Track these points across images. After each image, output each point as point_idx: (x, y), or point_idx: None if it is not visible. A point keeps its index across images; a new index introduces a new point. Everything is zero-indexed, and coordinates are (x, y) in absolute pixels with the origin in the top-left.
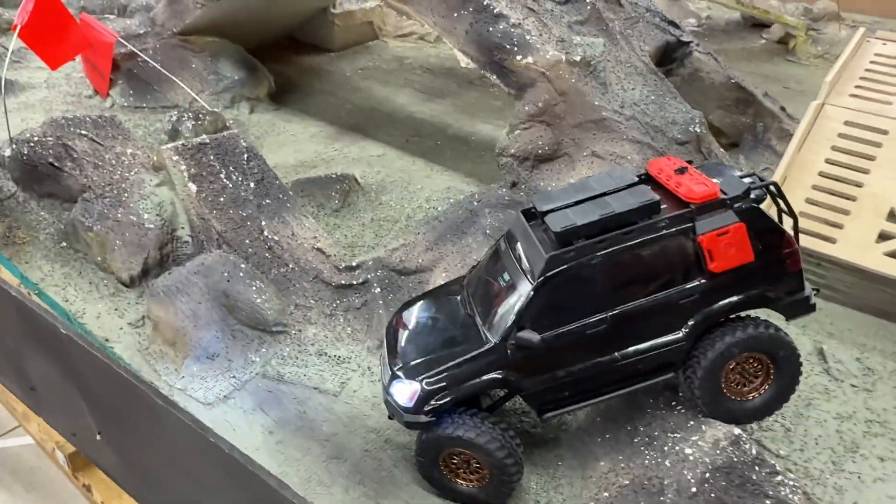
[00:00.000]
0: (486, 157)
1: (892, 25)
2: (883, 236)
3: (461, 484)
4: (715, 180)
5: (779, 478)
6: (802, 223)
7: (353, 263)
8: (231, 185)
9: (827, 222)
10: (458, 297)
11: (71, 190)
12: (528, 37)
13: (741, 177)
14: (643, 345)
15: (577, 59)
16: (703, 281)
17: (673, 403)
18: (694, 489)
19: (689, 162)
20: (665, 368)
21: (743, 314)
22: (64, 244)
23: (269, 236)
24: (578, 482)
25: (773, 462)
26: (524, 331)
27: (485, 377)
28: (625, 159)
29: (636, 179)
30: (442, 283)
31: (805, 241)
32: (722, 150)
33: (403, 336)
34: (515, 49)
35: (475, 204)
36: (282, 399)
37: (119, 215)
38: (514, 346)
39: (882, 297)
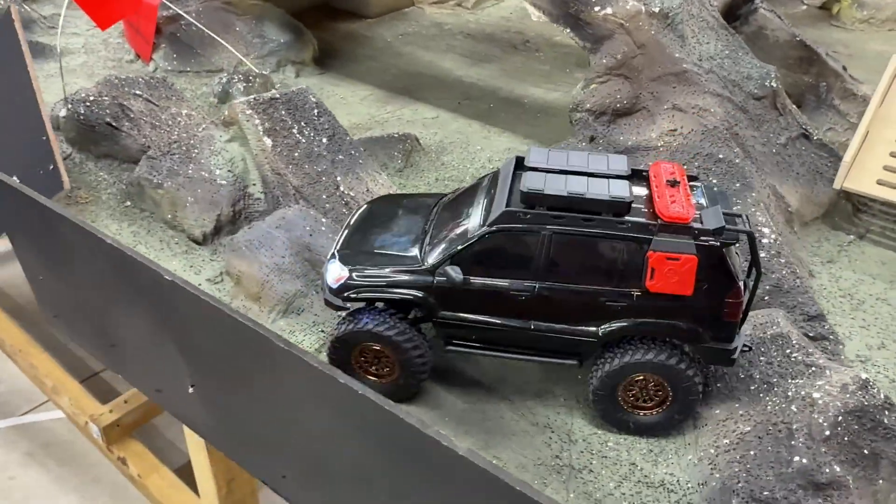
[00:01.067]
0: (541, 119)
1: None
2: None
3: (370, 379)
4: (701, 204)
5: None
6: (886, 176)
7: None
8: (304, 141)
9: None
10: (430, 210)
11: (129, 150)
12: None
13: (730, 215)
14: (558, 325)
15: (656, 10)
16: (637, 293)
17: (787, 351)
18: (827, 433)
19: (695, 178)
20: (571, 355)
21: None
22: (128, 203)
23: (345, 191)
24: (690, 432)
25: None
26: (453, 267)
27: (406, 291)
28: (707, 111)
29: (628, 173)
30: None
31: (888, 194)
32: (795, 107)
33: (360, 223)
34: (593, 0)
35: None
36: None
37: (190, 171)
38: (440, 276)
39: None
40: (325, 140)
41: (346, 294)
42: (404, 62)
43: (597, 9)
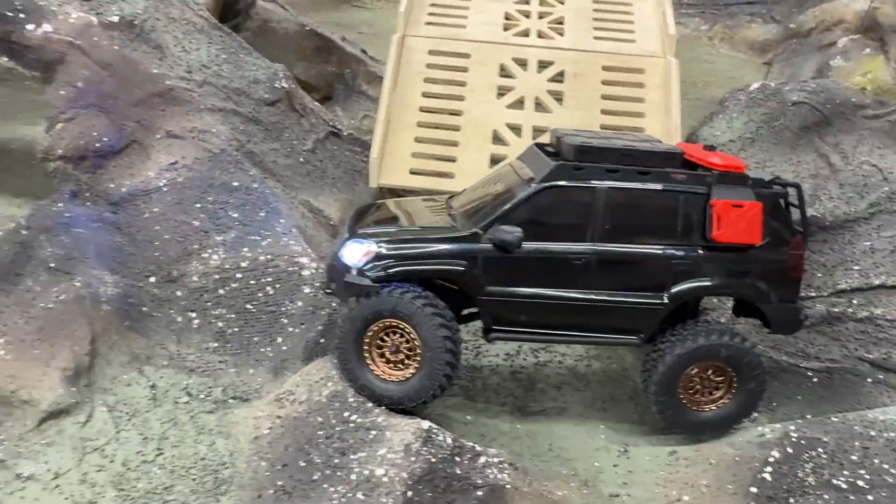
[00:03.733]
0: (39, 167)
1: None
2: (494, 160)
3: (377, 372)
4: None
5: (482, 459)
6: (416, 164)
7: None
8: None
9: (440, 158)
10: (440, 204)
11: None
12: None
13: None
14: (619, 295)
15: (115, 19)
16: (700, 250)
17: (346, 414)
18: None
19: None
20: (631, 332)
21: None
22: None
23: None
24: None
25: (471, 444)
26: (506, 226)
27: (446, 262)
28: (209, 133)
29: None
30: None
31: (423, 182)
32: (317, 104)
33: (371, 215)
34: (22, 17)
35: (24, 233)
36: None
37: None
38: (490, 241)
39: None
40: None
41: (376, 270)
42: None
43: (30, 27)
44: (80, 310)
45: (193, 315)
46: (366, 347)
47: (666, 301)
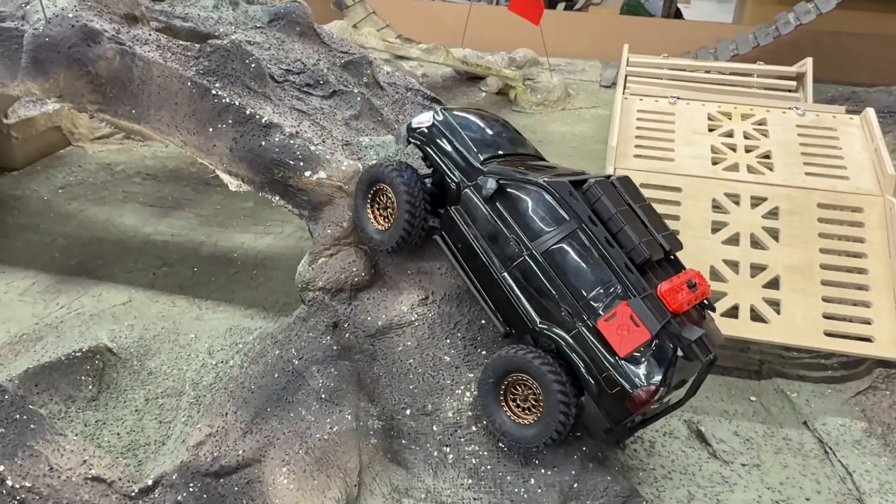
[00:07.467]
0: (259, 276)
1: (582, 65)
2: (713, 298)
3: (371, 221)
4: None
5: None
6: None
7: (149, 481)
8: None
9: None
10: (522, 154)
11: None
12: (312, 147)
13: (706, 346)
14: (517, 292)
15: (373, 163)
16: (590, 323)
17: None
18: None
19: (712, 307)
20: (506, 323)
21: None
22: None
23: (14, 485)
24: None
25: None
26: (493, 179)
27: (449, 168)
28: (455, 271)
29: (668, 249)
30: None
31: None
32: None
33: (473, 112)
34: (302, 164)
35: (296, 363)
36: None
37: None
38: (478, 180)
39: (721, 354)
40: None
41: (415, 133)
42: (73, 226)
43: (308, 174)
44: (352, 441)
45: (448, 450)
46: (368, 201)
47: (534, 327)
